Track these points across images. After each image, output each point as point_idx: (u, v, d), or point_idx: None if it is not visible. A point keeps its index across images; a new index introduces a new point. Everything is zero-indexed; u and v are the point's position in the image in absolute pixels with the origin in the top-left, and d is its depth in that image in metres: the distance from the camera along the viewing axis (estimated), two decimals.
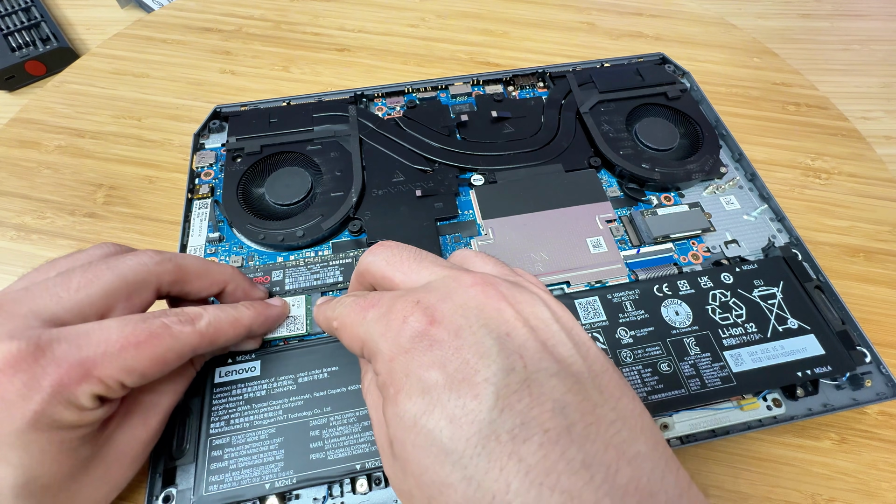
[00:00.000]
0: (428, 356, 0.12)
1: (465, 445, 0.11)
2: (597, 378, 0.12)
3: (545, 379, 0.11)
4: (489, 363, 0.11)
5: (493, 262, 0.16)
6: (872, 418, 0.23)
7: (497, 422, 0.11)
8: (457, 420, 0.11)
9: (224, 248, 0.25)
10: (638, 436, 0.11)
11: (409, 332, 0.12)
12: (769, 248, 0.26)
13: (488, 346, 0.12)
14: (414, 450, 0.11)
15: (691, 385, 0.21)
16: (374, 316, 0.14)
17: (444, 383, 0.11)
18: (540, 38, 0.41)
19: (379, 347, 0.13)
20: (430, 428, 0.11)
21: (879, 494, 0.21)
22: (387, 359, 0.13)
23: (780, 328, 0.22)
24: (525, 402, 0.11)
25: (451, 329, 0.12)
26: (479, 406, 0.11)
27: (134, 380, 0.16)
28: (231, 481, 0.19)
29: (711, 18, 0.43)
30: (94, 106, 0.35)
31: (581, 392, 0.11)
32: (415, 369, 0.12)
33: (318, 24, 0.42)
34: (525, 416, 0.11)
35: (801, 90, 0.37)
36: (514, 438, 0.10)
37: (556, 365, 0.12)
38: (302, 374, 0.21)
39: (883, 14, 0.44)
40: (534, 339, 0.12)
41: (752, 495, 0.21)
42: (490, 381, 0.11)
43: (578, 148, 0.29)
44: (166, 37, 0.40)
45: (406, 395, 0.12)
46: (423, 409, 0.11)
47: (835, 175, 0.33)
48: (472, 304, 0.13)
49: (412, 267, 0.15)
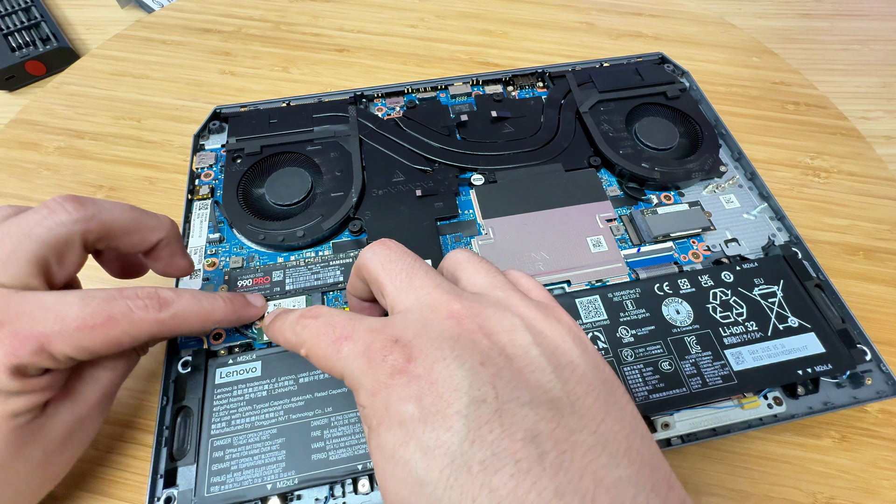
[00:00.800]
0: (405, 391, 0.12)
1: (439, 477, 0.11)
2: (576, 403, 0.12)
3: (517, 408, 0.11)
4: (461, 395, 0.11)
5: (485, 271, 0.16)
6: (873, 416, 0.23)
7: (468, 453, 0.11)
8: (430, 451, 0.11)
9: (224, 249, 0.25)
10: (620, 460, 0.11)
11: (389, 369, 0.13)
12: (769, 246, 0.26)
13: (460, 379, 0.12)
14: (392, 481, 0.12)
15: (692, 384, 0.21)
16: (351, 352, 0.14)
17: (419, 416, 0.12)
18: (539, 38, 0.42)
19: (361, 382, 0.13)
20: (406, 459, 0.11)
21: (880, 493, 0.21)
22: (369, 393, 0.13)
23: (781, 326, 0.22)
24: (496, 432, 0.11)
25: (426, 364, 0.12)
26: (451, 438, 0.11)
27: (83, 357, 0.16)
28: (233, 482, 0.19)
29: (710, 18, 0.43)
30: (94, 107, 0.35)
31: (556, 419, 0.11)
32: (393, 403, 0.12)
33: (318, 24, 0.42)
34: (496, 447, 0.11)
35: (800, 89, 0.37)
36: (485, 469, 0.11)
37: (530, 393, 0.12)
38: (303, 374, 0.21)
39: (883, 14, 0.44)
40: (508, 367, 0.12)
41: (753, 494, 0.21)
42: (461, 413, 0.11)
43: (578, 147, 0.29)
44: (166, 38, 0.40)
45: (386, 427, 0.12)
46: (400, 441, 0.12)
47: (834, 174, 0.33)
48: (448, 336, 0.13)
49: (402, 283, 0.15)
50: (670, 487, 0.11)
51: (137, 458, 0.22)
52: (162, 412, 0.20)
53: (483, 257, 0.17)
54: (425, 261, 0.16)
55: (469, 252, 0.17)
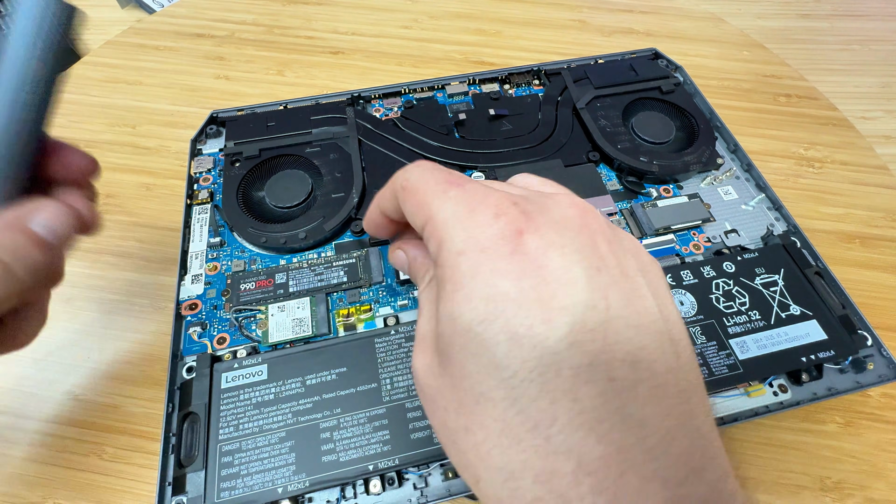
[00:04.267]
0: (504, 263, 0.11)
1: (521, 367, 0.10)
2: (675, 343, 0.11)
3: (623, 328, 0.10)
4: (572, 292, 0.10)
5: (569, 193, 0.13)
6: (876, 400, 0.24)
7: (562, 354, 0.10)
8: (518, 339, 0.10)
9: (226, 253, 0.25)
10: (700, 411, 0.11)
11: (496, 230, 0.11)
12: (768, 236, 0.26)
13: (576, 274, 0.10)
14: (462, 353, 0.11)
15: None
16: (458, 196, 0.12)
17: (514, 296, 0.10)
18: (533, 37, 0.42)
19: (451, 234, 0.11)
20: (487, 338, 0.10)
21: (885, 474, 0.22)
22: (456, 251, 0.11)
23: (783, 315, 0.23)
24: (598, 344, 0.10)
25: (541, 243, 0.11)
26: (548, 333, 0.10)
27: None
28: (243, 487, 0.18)
29: (700, 14, 0.44)
30: (88, 115, 0.35)
31: (658, 351, 0.10)
32: (485, 273, 0.11)
33: (311, 27, 0.42)
34: (594, 358, 0.10)
35: (790, 81, 0.38)
36: (576, 376, 0.10)
37: (637, 317, 0.11)
38: (310, 376, 0.21)
39: (882, 14, 0.45)
40: (622, 283, 0.11)
41: (763, 480, 0.21)
42: (568, 311, 0.10)
43: (577, 143, 0.30)
44: (158, 43, 0.40)
45: (466, 296, 0.11)
46: (483, 317, 0.10)
47: (827, 163, 0.33)
48: (570, 226, 0.11)
49: (475, 185, 0.12)
50: (725, 452, 0.11)
51: (144, 466, 0.21)
52: (168, 419, 0.20)
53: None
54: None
55: (539, 177, 0.15)
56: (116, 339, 0.25)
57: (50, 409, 0.23)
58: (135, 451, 0.22)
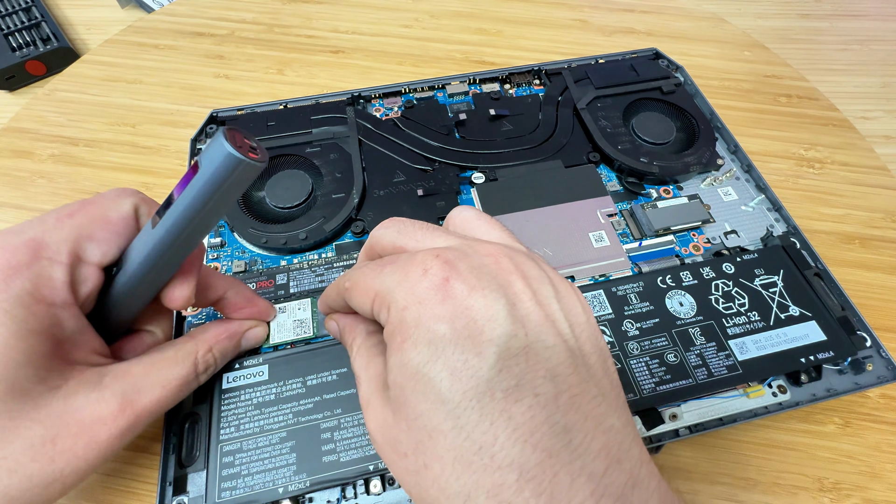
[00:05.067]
0: (440, 309, 0.12)
1: (462, 397, 0.11)
2: (586, 357, 0.13)
3: (542, 350, 0.12)
4: (495, 326, 0.12)
5: (499, 228, 0.16)
6: (874, 401, 0.24)
7: (494, 380, 0.12)
8: (457, 373, 0.12)
9: (226, 254, 0.25)
10: (613, 412, 0.13)
11: (427, 283, 0.13)
12: (768, 237, 0.26)
13: (497, 310, 0.12)
14: (413, 395, 0.12)
15: (698, 375, 0.21)
16: (392, 268, 0.14)
17: (450, 337, 0.12)
18: (533, 36, 0.42)
19: (394, 297, 0.13)
20: (432, 377, 0.12)
21: (884, 476, 0.22)
22: (400, 307, 0.13)
23: (783, 316, 0.23)
24: (522, 366, 0.12)
25: (465, 287, 0.12)
26: (481, 363, 0.12)
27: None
28: (244, 487, 0.18)
29: (701, 13, 0.44)
30: (87, 113, 0.35)
31: (572, 366, 0.12)
32: (426, 320, 0.12)
33: (312, 26, 0.42)
34: (520, 379, 0.12)
35: (791, 82, 0.38)
36: (507, 397, 0.11)
37: (553, 339, 0.13)
38: (311, 376, 0.21)
39: (882, 14, 0.45)
40: (536, 312, 0.13)
41: (761, 481, 0.21)
42: (494, 342, 0.12)
43: (577, 144, 0.30)
44: (158, 42, 0.40)
45: (412, 343, 0.12)
46: (428, 359, 0.12)
47: (828, 164, 0.33)
48: (487, 270, 0.13)
49: (423, 235, 0.15)
50: (642, 444, 0.13)
51: (145, 466, 0.21)
52: (169, 419, 0.20)
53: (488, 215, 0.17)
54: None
55: (474, 210, 0.17)
56: None
57: None
58: (135, 451, 0.22)
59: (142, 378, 0.17)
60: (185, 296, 0.18)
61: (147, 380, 0.17)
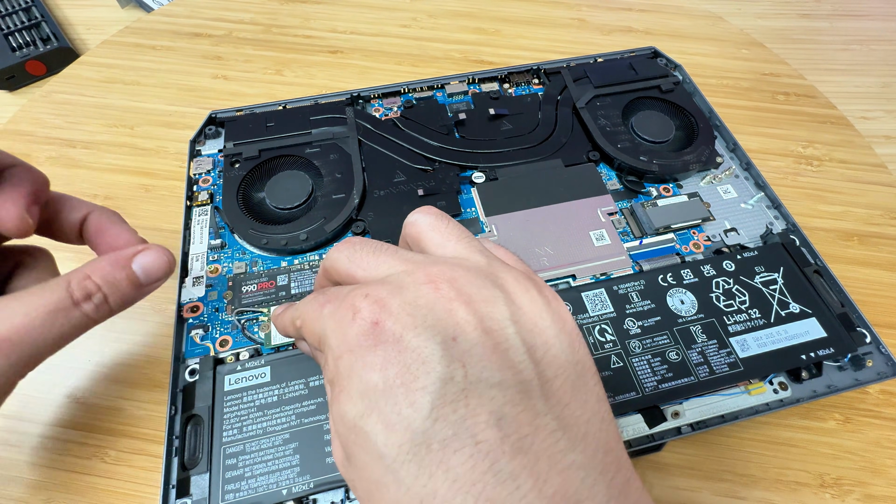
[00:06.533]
0: (370, 357, 0.12)
1: (398, 452, 0.11)
2: (545, 385, 0.12)
3: (485, 389, 0.11)
4: (428, 371, 0.11)
5: (455, 237, 0.14)
6: (874, 397, 0.24)
7: (430, 431, 0.11)
8: (391, 426, 0.11)
9: (227, 255, 0.25)
10: (577, 444, 0.11)
11: (356, 329, 0.12)
12: (767, 234, 0.26)
13: (430, 352, 0.11)
14: (355, 447, 0.12)
15: (700, 372, 0.21)
16: (330, 311, 0.13)
17: (382, 388, 0.11)
18: (532, 36, 0.42)
19: (330, 343, 0.13)
20: (367, 430, 0.11)
21: (884, 471, 0.22)
22: (335, 356, 0.12)
23: (783, 313, 0.23)
24: (460, 412, 0.11)
25: (397, 328, 0.12)
26: (414, 414, 0.11)
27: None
28: (247, 489, 0.18)
29: (700, 12, 0.44)
30: (85, 115, 0.35)
31: (523, 402, 0.11)
32: (357, 370, 0.12)
33: (310, 26, 0.42)
34: (458, 427, 0.11)
35: (789, 80, 0.38)
36: (444, 448, 0.11)
37: (500, 374, 0.11)
38: (313, 377, 0.21)
39: (883, 14, 0.45)
40: (481, 344, 0.12)
41: (763, 478, 0.22)
42: (427, 390, 0.11)
43: (577, 143, 0.30)
44: (155, 43, 0.40)
45: (347, 395, 0.12)
46: (362, 412, 0.11)
47: (826, 162, 0.33)
48: (423, 303, 0.12)
49: (370, 262, 0.14)
50: (618, 469, 0.12)
51: (148, 469, 0.21)
52: (171, 421, 0.20)
53: (450, 218, 0.15)
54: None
55: (432, 215, 0.15)
56: (117, 341, 0.25)
57: (51, 411, 0.23)
58: (138, 454, 0.22)
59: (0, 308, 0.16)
60: (15, 214, 0.16)
61: (6, 310, 0.16)
